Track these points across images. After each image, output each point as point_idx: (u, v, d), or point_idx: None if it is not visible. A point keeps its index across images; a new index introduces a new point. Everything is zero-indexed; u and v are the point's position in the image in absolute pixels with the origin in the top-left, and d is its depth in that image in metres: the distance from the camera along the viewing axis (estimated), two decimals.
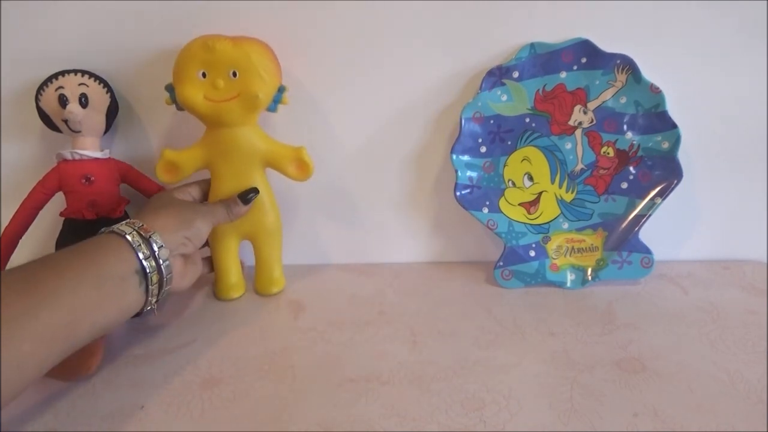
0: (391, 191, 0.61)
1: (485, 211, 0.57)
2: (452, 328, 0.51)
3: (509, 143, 0.57)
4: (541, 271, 0.57)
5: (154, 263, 0.42)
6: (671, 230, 0.61)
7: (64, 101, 0.52)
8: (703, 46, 0.55)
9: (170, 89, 0.52)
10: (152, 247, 0.42)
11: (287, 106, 0.53)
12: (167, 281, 0.43)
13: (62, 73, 0.52)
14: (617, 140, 0.56)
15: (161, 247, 0.43)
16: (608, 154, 0.56)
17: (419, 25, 0.55)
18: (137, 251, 0.41)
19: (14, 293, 0.34)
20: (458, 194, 0.57)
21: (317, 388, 0.43)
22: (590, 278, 0.57)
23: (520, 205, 0.58)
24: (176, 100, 0.51)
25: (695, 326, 0.50)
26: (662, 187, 0.55)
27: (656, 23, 0.54)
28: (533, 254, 0.58)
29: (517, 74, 0.55)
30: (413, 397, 0.42)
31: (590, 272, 0.57)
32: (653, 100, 0.54)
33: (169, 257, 0.43)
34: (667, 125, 0.54)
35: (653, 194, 0.55)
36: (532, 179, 0.58)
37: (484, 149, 0.57)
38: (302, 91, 0.56)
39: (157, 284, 0.42)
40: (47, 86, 0.52)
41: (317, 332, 0.51)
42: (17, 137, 0.58)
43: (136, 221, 0.43)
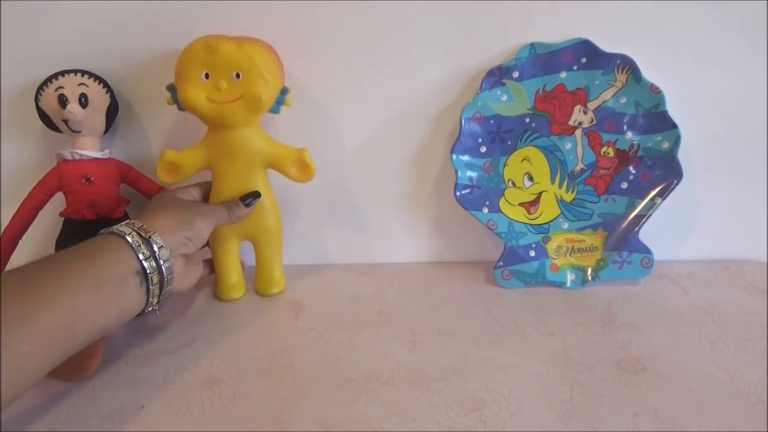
0: (391, 191, 0.61)
1: (485, 211, 0.57)
2: (452, 328, 0.51)
3: (509, 143, 0.57)
4: (541, 271, 0.57)
5: (154, 264, 0.41)
6: (671, 230, 0.61)
7: (64, 101, 0.52)
8: (703, 46, 0.55)
9: (172, 89, 0.52)
10: (152, 247, 0.42)
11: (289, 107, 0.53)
12: (168, 282, 0.43)
13: (62, 73, 0.52)
14: (617, 140, 0.56)
15: (161, 247, 0.42)
16: (608, 154, 0.56)
17: (419, 25, 0.55)
18: (137, 252, 0.41)
19: (13, 295, 0.34)
20: (458, 194, 0.57)
21: (317, 388, 0.43)
22: (590, 278, 0.57)
23: (520, 205, 0.58)
24: (178, 100, 0.51)
25: (695, 326, 0.50)
26: (662, 187, 0.55)
27: (656, 23, 0.54)
28: (533, 254, 0.58)
29: (517, 74, 0.55)
30: (413, 397, 0.42)
31: (590, 272, 0.57)
32: (653, 100, 0.54)
33: (169, 257, 0.43)
34: (667, 125, 0.54)
35: (653, 194, 0.55)
36: (532, 179, 0.58)
37: (484, 149, 0.57)
38: (302, 91, 0.56)
39: (158, 285, 0.42)
40: (47, 86, 0.52)
41: (317, 332, 0.51)
42: (17, 137, 0.58)
43: (135, 222, 0.43)
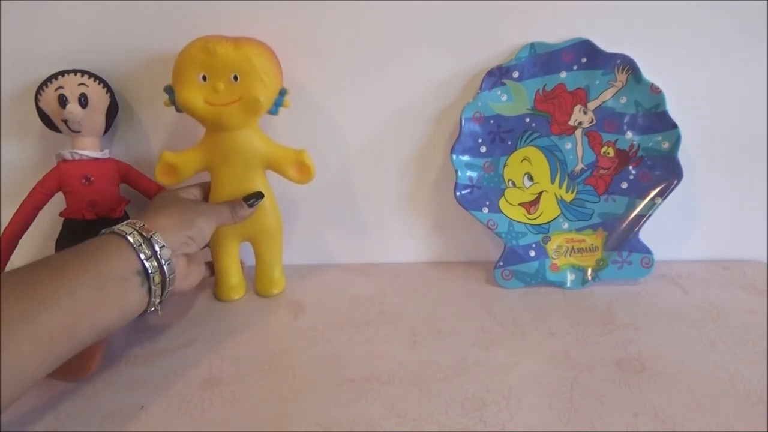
0: (391, 191, 0.61)
1: (485, 211, 0.57)
2: (452, 328, 0.51)
3: (509, 143, 0.57)
4: (541, 271, 0.57)
5: (155, 263, 0.41)
6: (671, 230, 0.61)
7: (63, 101, 0.52)
8: (703, 46, 0.55)
9: (169, 91, 0.51)
10: (154, 247, 0.41)
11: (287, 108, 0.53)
12: (170, 282, 0.43)
13: (62, 73, 0.52)
14: (617, 140, 0.56)
15: (163, 247, 0.42)
16: (608, 154, 0.56)
17: (419, 25, 0.55)
18: (138, 252, 0.41)
19: (13, 295, 0.34)
20: (458, 194, 0.57)
21: (317, 388, 0.43)
22: (590, 278, 0.57)
23: (520, 205, 0.58)
24: (175, 102, 0.51)
25: (695, 326, 0.50)
26: (662, 187, 0.55)
27: (656, 23, 0.54)
28: (533, 254, 0.58)
29: (517, 74, 0.55)
30: (413, 397, 0.42)
31: (590, 272, 0.57)
32: (653, 100, 0.54)
33: (171, 257, 0.43)
34: (667, 125, 0.54)
35: (653, 194, 0.55)
36: (532, 179, 0.58)
37: (484, 149, 0.57)
38: (302, 91, 0.56)
39: (159, 285, 0.42)
40: (47, 86, 0.52)
41: (317, 332, 0.51)
42: (17, 137, 0.58)
43: (137, 221, 0.43)
